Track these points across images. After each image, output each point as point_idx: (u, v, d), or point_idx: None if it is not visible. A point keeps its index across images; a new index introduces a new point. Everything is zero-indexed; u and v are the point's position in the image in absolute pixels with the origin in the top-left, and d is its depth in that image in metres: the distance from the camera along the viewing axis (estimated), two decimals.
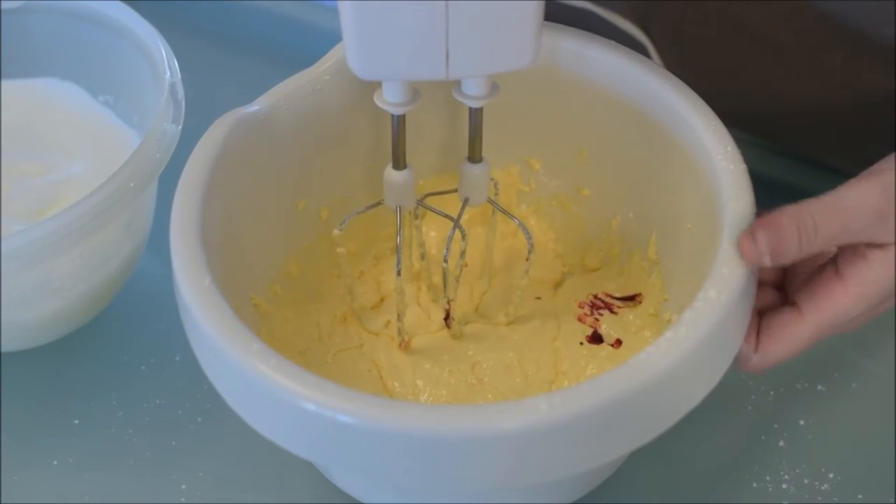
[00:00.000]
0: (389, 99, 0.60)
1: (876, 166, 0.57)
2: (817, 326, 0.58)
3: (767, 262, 0.56)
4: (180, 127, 0.69)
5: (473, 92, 0.60)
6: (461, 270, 0.67)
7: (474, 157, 0.64)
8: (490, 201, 0.66)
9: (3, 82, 0.79)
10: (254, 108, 0.63)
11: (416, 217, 0.68)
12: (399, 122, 0.61)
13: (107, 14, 0.75)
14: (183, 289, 0.57)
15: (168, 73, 0.70)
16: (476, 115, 0.62)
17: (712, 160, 0.59)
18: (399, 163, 0.63)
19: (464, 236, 0.66)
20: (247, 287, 0.64)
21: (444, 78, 0.56)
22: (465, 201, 0.65)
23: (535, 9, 0.54)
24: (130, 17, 0.74)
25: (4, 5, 0.76)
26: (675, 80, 0.62)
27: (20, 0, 0.76)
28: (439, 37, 0.54)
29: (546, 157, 0.70)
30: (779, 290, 0.61)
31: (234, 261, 0.62)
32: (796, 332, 0.58)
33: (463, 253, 0.66)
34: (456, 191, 0.65)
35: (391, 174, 0.64)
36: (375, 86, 0.61)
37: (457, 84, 0.60)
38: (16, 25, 0.77)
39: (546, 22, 0.63)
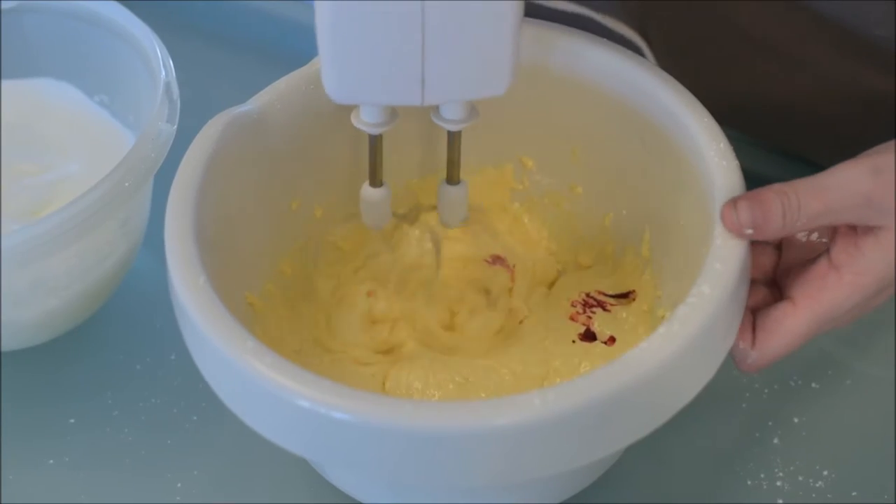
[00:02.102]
0: (367, 119, 0.60)
1: (871, 150, 0.57)
2: (813, 318, 0.58)
3: (750, 234, 0.56)
4: (175, 126, 0.69)
5: (451, 116, 0.60)
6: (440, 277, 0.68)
7: (452, 179, 0.64)
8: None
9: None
10: (248, 107, 0.63)
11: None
12: (376, 141, 0.62)
13: (102, 14, 0.75)
14: (178, 287, 0.57)
15: (163, 73, 0.70)
16: (454, 138, 0.62)
17: (704, 157, 0.59)
18: (376, 180, 0.63)
19: (438, 252, 0.67)
20: (241, 286, 0.64)
21: (419, 104, 0.56)
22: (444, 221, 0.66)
23: (510, 37, 0.55)
24: (126, 17, 0.74)
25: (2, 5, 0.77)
26: (667, 77, 0.62)
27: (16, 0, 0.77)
28: (415, 63, 0.54)
29: (539, 155, 0.70)
30: (770, 287, 0.61)
31: (229, 259, 0.62)
32: (792, 325, 0.58)
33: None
34: (436, 207, 0.66)
35: (368, 192, 0.64)
36: None
37: (435, 107, 0.60)
38: (11, 25, 0.77)
39: (539, 21, 0.63)
